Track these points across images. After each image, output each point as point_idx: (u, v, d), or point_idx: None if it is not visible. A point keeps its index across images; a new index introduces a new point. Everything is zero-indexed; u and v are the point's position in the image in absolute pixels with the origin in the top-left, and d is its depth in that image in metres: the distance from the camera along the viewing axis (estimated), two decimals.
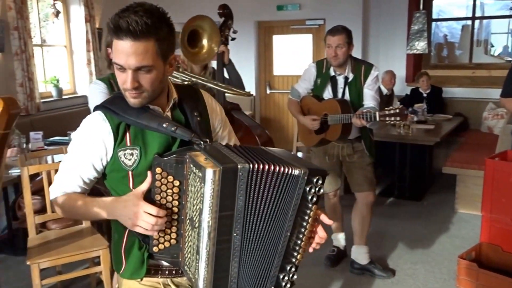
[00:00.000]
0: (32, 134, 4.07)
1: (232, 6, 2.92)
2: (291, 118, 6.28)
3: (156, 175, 1.18)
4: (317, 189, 1.14)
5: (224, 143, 1.31)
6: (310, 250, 1.24)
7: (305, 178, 1.12)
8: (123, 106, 1.25)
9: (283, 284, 1.20)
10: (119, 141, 1.26)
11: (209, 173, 1.06)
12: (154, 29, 1.15)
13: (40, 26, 5.73)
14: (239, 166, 1.08)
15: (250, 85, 6.92)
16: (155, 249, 1.23)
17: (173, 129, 1.24)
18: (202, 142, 1.22)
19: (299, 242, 1.18)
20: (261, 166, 1.10)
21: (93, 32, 5.95)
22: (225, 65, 2.86)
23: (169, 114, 1.32)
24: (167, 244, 1.22)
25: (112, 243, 1.40)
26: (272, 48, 6.87)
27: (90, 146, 1.27)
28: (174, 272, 1.35)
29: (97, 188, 1.46)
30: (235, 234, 1.13)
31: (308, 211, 1.16)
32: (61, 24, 5.93)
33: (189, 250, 1.18)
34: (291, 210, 1.15)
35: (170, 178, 1.18)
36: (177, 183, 1.18)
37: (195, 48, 2.15)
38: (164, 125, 1.24)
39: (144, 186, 1.19)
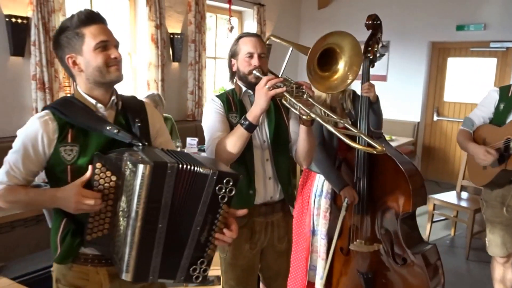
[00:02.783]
0: (188, 139, 4.39)
1: (404, 24, 2.71)
2: (459, 151, 5.68)
3: (96, 170, 1.35)
4: (227, 190, 1.34)
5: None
6: (216, 243, 1.39)
7: (214, 178, 1.31)
8: (73, 109, 1.45)
9: (194, 276, 1.36)
10: (62, 138, 1.43)
11: (141, 168, 1.26)
12: None
13: (216, 40, 6.36)
14: (168, 164, 1.29)
15: (415, 110, 6.51)
16: (88, 237, 1.39)
17: (115, 131, 1.44)
18: (140, 144, 1.44)
19: (210, 238, 1.36)
20: (186, 165, 1.31)
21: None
22: (372, 103, 2.58)
23: (111, 116, 1.52)
24: (99, 234, 1.39)
25: (51, 232, 1.52)
26: (445, 71, 6.34)
27: (34, 141, 1.42)
28: (104, 261, 1.49)
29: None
30: (160, 225, 1.31)
31: (219, 210, 1.35)
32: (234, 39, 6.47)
33: (118, 239, 1.35)
34: (201, 206, 1.33)
35: (109, 173, 1.35)
36: (114, 178, 1.35)
37: (326, 72, 1.87)
38: (108, 128, 1.44)
39: (84, 177, 1.35)
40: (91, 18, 1.44)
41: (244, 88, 2.00)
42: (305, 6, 7.35)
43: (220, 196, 1.33)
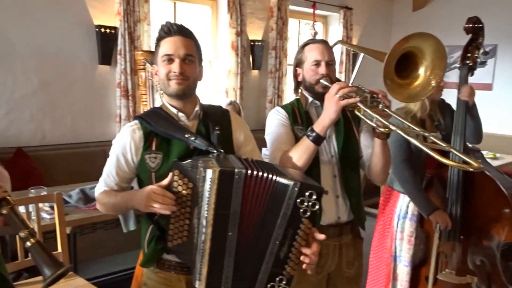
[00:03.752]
0: (263, 150, 4.33)
1: None
2: None
3: (174, 177, 1.40)
4: (309, 203, 1.27)
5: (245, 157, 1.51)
6: (308, 271, 1.34)
7: (295, 189, 1.27)
8: (156, 118, 1.55)
9: None
10: (147, 146, 1.54)
11: (209, 173, 1.30)
12: None
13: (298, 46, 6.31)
14: (235, 170, 1.30)
15: None
16: (169, 244, 1.43)
17: (192, 138, 1.50)
18: (216, 152, 1.46)
19: (289, 254, 1.30)
20: (256, 172, 1.30)
21: (347, 53, 6.18)
22: (469, 109, 2.38)
23: (194, 125, 1.59)
24: (180, 241, 1.42)
25: (141, 236, 1.63)
26: None
27: (124, 149, 1.56)
28: (186, 269, 1.52)
29: None
30: (230, 233, 1.31)
31: (300, 224, 1.29)
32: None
33: (194, 246, 1.37)
34: (280, 218, 1.29)
35: (185, 180, 1.39)
36: (190, 185, 1.38)
37: (405, 79, 1.69)
38: (186, 135, 1.51)
39: (163, 183, 1.43)
40: (167, 31, 1.54)
41: (310, 99, 1.93)
42: (398, 8, 7.04)
43: (301, 210, 1.29)
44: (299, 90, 1.98)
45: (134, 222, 2.61)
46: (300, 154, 1.70)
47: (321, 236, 1.35)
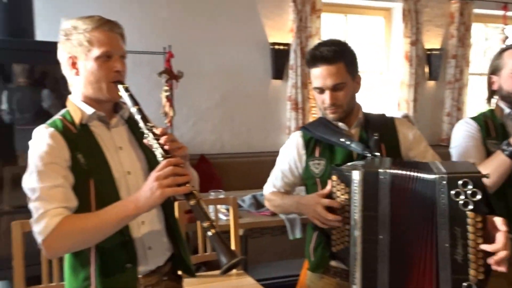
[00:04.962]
0: None
1: None
2: None
3: (333, 182, 1.47)
4: (467, 193, 1.17)
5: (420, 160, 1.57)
6: (500, 269, 1.17)
7: (443, 182, 1.21)
8: (317, 126, 1.68)
9: None
10: (310, 152, 1.68)
11: (354, 174, 1.34)
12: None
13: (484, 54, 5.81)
14: (380, 170, 1.30)
15: None
16: (333, 249, 1.50)
17: (348, 142, 1.58)
18: (370, 155, 1.52)
19: (468, 255, 1.19)
20: (402, 172, 1.28)
21: None
22: None
23: (357, 133, 1.67)
24: (342, 246, 1.46)
25: (306, 242, 1.74)
26: None
27: (288, 156, 1.73)
28: None
29: None
30: (380, 237, 1.29)
31: (467, 219, 1.18)
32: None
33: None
34: (438, 217, 1.22)
35: (343, 185, 1.43)
36: (347, 190, 1.42)
37: None
38: (341, 139, 1.59)
39: (325, 190, 1.51)
40: (311, 61, 1.66)
41: (507, 110, 1.81)
42: None
43: (461, 203, 1.19)
44: (493, 100, 1.89)
45: (300, 231, 2.76)
46: (491, 169, 1.58)
47: (503, 227, 1.19)
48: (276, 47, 4.39)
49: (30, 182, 1.28)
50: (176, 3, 4.15)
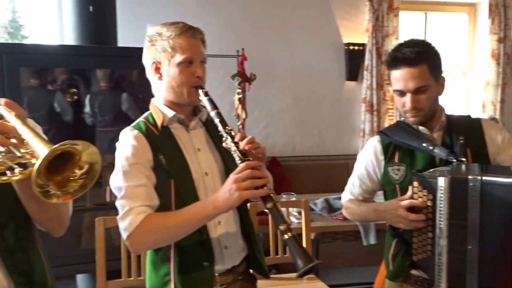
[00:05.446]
0: None
1: None
2: None
3: (414, 188, 1.44)
4: None
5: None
6: None
7: None
8: (396, 131, 1.63)
9: None
10: (389, 158, 1.64)
11: (440, 181, 1.31)
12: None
13: None
14: (469, 177, 1.25)
15: None
16: (414, 258, 1.47)
17: (431, 147, 1.53)
18: (456, 161, 1.46)
19: None
20: (493, 179, 1.23)
21: None
22: None
23: (439, 137, 1.62)
24: (424, 255, 1.43)
25: (384, 249, 1.71)
26: None
27: (366, 162, 1.70)
28: (433, 286, 1.46)
29: None
30: (469, 247, 1.25)
31: None
32: None
33: (434, 260, 1.35)
34: None
35: (425, 191, 1.40)
36: (430, 196, 1.39)
37: None
38: (424, 144, 1.54)
39: (405, 196, 1.48)
40: (392, 63, 1.60)
41: None
42: None
43: None
44: None
45: (374, 236, 2.71)
46: None
47: None
48: (351, 47, 4.34)
49: (116, 181, 1.37)
50: (249, 7, 4.24)
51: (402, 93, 1.57)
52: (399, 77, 1.55)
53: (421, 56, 1.54)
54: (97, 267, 2.01)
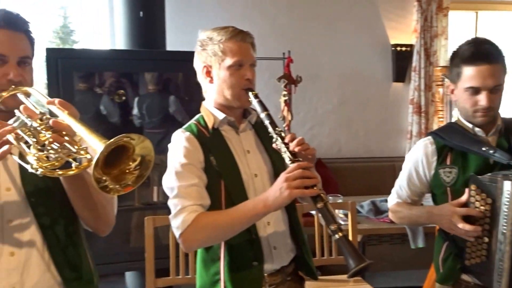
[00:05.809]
0: None
1: None
2: None
3: (471, 192, 1.40)
4: None
5: None
6: None
7: None
8: (451, 133, 1.57)
9: None
10: (441, 160, 1.58)
11: (506, 185, 1.27)
12: None
13: None
14: None
15: None
16: (467, 262, 1.43)
17: (491, 152, 1.47)
18: None
19: None
20: None
21: None
22: None
23: (493, 140, 1.56)
24: (477, 260, 1.40)
25: (434, 252, 1.67)
26: None
27: (416, 163, 1.64)
28: None
29: None
30: None
31: None
32: None
33: (492, 266, 1.32)
34: None
35: (483, 195, 1.37)
36: (489, 200, 1.36)
37: None
38: (484, 149, 1.48)
39: (462, 199, 1.44)
40: (471, 58, 1.51)
41: None
42: None
43: None
44: None
45: (423, 239, 2.62)
46: None
47: None
48: (398, 48, 4.27)
49: (169, 181, 1.39)
50: (295, 9, 4.23)
51: (476, 90, 1.50)
52: (476, 74, 1.49)
53: (500, 54, 1.51)
54: (146, 265, 2.04)
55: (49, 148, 1.06)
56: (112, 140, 0.97)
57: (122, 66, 3.13)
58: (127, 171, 1.04)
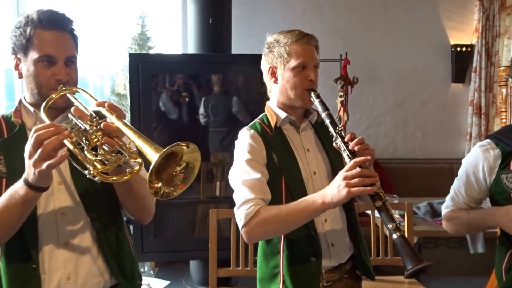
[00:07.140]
0: None
1: None
2: None
3: None
4: None
5: None
6: None
7: None
8: (510, 136, 1.49)
9: None
10: (504, 165, 1.49)
11: None
12: None
13: None
14: None
15: None
16: None
17: None
18: None
19: None
20: None
21: None
22: None
23: None
24: None
25: (496, 260, 1.58)
26: None
27: (475, 168, 1.54)
28: None
29: None
30: None
31: None
32: None
33: None
34: None
35: None
36: None
37: None
38: None
39: None
40: None
41: None
42: None
43: None
44: None
45: (482, 244, 2.49)
46: None
47: None
48: (458, 48, 4.09)
49: (234, 175, 1.43)
50: (353, 12, 4.17)
51: None
52: None
53: None
54: (209, 255, 2.09)
55: (100, 151, 1.06)
56: (165, 150, 0.97)
57: (192, 69, 3.28)
58: (174, 173, 1.04)
